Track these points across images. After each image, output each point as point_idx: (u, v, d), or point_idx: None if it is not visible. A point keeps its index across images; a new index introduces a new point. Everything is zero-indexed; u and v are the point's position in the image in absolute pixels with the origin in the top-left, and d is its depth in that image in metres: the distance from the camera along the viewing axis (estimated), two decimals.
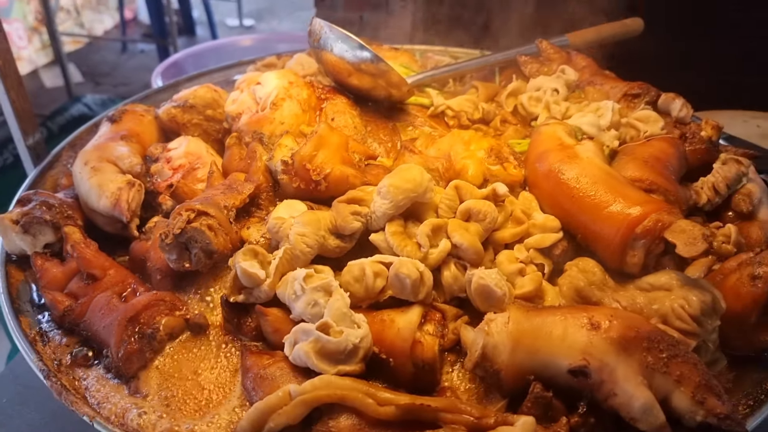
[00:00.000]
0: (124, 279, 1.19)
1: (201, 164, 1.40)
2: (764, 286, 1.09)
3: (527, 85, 1.67)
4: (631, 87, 1.59)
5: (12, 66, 1.58)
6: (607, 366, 0.96)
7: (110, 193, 1.29)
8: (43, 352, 1.12)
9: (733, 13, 3.38)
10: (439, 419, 0.96)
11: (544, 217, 1.21)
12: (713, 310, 1.07)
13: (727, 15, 3.39)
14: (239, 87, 1.54)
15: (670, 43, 3.29)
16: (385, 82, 1.50)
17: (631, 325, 0.99)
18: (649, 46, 2.52)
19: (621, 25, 2.03)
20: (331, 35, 1.50)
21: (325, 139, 1.27)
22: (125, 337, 1.06)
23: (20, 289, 1.27)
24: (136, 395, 1.03)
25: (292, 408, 0.94)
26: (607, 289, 1.15)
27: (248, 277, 1.08)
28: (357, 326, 1.03)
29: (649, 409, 0.93)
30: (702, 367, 0.97)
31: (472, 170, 1.25)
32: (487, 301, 1.09)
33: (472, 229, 1.14)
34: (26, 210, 1.29)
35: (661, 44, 2.85)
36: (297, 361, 1.01)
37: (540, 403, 0.98)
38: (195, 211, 1.15)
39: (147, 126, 1.54)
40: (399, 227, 1.15)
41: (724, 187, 1.41)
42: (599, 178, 1.19)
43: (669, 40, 3.23)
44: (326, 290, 1.06)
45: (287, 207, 1.21)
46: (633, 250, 1.13)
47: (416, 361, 1.04)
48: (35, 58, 7.29)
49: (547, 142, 1.28)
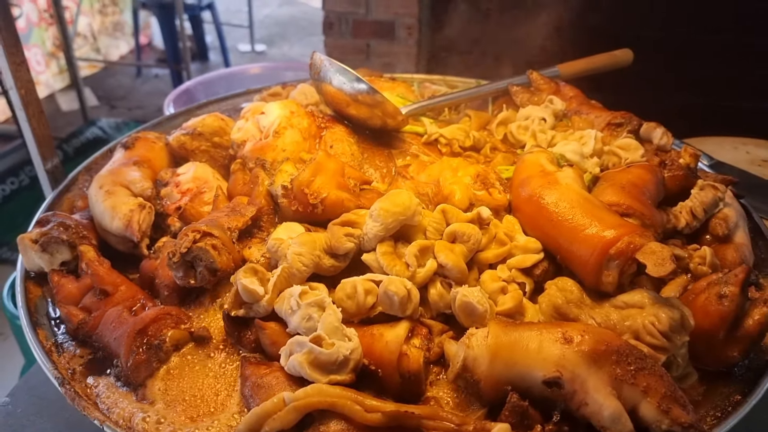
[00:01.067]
0: (134, 295, 1.28)
1: (207, 188, 1.50)
2: (730, 305, 1.16)
3: (517, 114, 1.76)
4: (614, 116, 1.68)
5: (33, 95, 1.69)
6: (579, 377, 1.03)
7: (122, 214, 1.39)
8: (58, 361, 1.21)
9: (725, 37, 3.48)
10: (422, 426, 1.02)
11: (525, 239, 1.30)
12: (682, 327, 1.14)
13: (718, 41, 3.49)
14: (244, 116, 1.64)
15: (663, 69, 3.39)
16: (381, 112, 1.59)
17: (602, 339, 1.06)
18: (644, 71, 2.62)
19: (610, 56, 2.13)
20: (331, 68, 1.60)
21: (323, 166, 1.36)
22: (134, 347, 1.15)
23: (38, 304, 1.36)
24: (143, 401, 1.12)
25: (286, 413, 1.01)
26: (584, 307, 1.22)
27: (248, 293, 1.16)
28: (348, 339, 1.11)
29: (617, 418, 0.99)
30: (668, 379, 1.04)
31: (459, 195, 1.34)
32: (470, 317, 1.16)
33: (457, 250, 1.22)
34: (45, 230, 1.39)
35: (654, 70, 2.94)
36: (292, 371, 1.09)
37: (517, 411, 1.05)
38: (200, 232, 1.24)
39: (158, 152, 1.64)
40: (389, 248, 1.23)
41: (701, 212, 1.48)
42: (577, 202, 1.27)
43: (662, 66, 3.33)
44: (320, 306, 1.14)
45: (286, 229, 1.30)
46: (608, 270, 1.20)
47: (403, 372, 1.11)
48: (52, 82, 7.51)
49: (530, 169, 1.37)
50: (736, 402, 1.15)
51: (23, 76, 1.64)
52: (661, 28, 3.52)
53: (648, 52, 2.42)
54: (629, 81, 2.50)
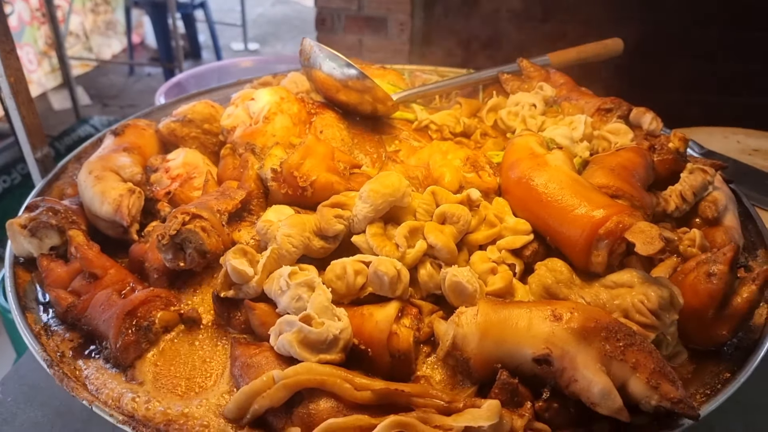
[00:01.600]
0: (123, 278, 1.28)
1: (197, 173, 1.49)
2: (719, 283, 1.17)
3: (507, 100, 1.76)
4: (604, 102, 1.68)
5: (23, 83, 1.68)
6: (568, 354, 1.03)
7: (112, 199, 1.38)
8: (47, 344, 1.20)
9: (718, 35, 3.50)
10: (412, 403, 1.02)
11: (515, 221, 1.30)
12: (671, 305, 1.14)
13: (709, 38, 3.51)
14: (234, 102, 1.64)
15: (654, 64, 3.41)
16: (371, 98, 1.60)
17: (591, 316, 1.06)
18: (635, 66, 2.63)
19: (601, 45, 2.14)
20: (320, 54, 1.60)
21: (312, 149, 1.36)
22: (123, 329, 1.14)
23: (27, 289, 1.35)
24: (132, 382, 1.11)
25: (275, 391, 1.01)
26: (573, 287, 1.22)
27: (238, 274, 1.16)
28: (338, 319, 1.11)
29: (607, 394, 0.99)
30: (657, 355, 1.04)
31: (449, 177, 1.34)
32: (460, 296, 1.17)
33: (446, 231, 1.22)
34: (34, 215, 1.38)
35: (645, 65, 2.96)
36: (281, 350, 1.09)
37: (507, 389, 1.05)
38: (190, 214, 1.24)
39: (148, 139, 1.64)
40: (379, 229, 1.24)
41: (690, 195, 1.49)
42: (566, 184, 1.28)
43: (653, 62, 3.35)
44: (309, 286, 1.14)
45: (276, 211, 1.30)
46: (597, 250, 1.21)
47: (393, 351, 1.11)
48: (44, 81, 7.48)
49: (520, 152, 1.37)
50: (726, 379, 1.15)
51: (12, 64, 1.63)
52: (651, 22, 3.53)
53: (638, 46, 2.43)
54: (618, 75, 2.51)
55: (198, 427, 1.03)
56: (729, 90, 3.67)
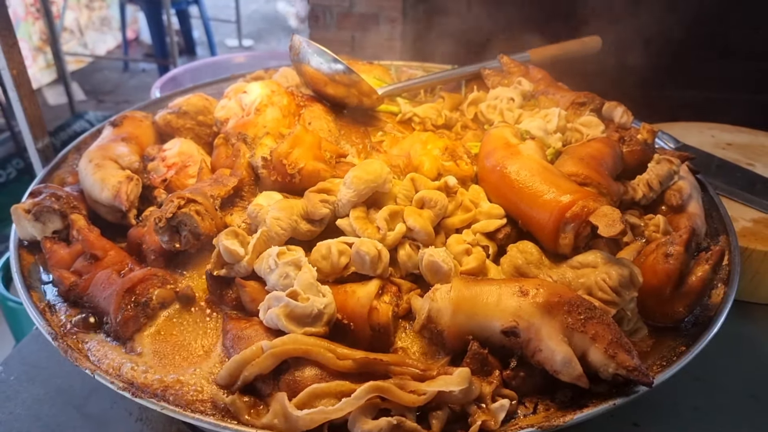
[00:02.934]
0: (122, 259, 1.36)
1: (192, 162, 1.58)
2: (675, 263, 1.26)
3: (488, 95, 1.85)
4: (578, 96, 1.77)
5: (24, 76, 1.76)
6: (533, 326, 1.12)
7: (111, 186, 1.46)
8: (51, 320, 1.29)
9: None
10: (390, 372, 1.11)
11: (489, 206, 1.39)
12: (630, 283, 1.23)
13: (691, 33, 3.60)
14: (227, 95, 1.72)
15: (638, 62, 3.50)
16: (357, 91, 1.68)
17: (555, 292, 1.15)
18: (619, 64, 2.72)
19: (580, 42, 2.23)
20: (309, 50, 1.69)
21: (300, 139, 1.45)
22: (123, 305, 1.23)
23: (31, 270, 1.43)
24: (131, 353, 1.20)
25: (264, 360, 1.10)
26: (542, 267, 1.31)
27: (230, 254, 1.24)
28: (322, 295, 1.19)
29: (568, 362, 1.08)
30: (615, 328, 1.12)
31: (427, 165, 1.43)
32: (436, 275, 1.25)
33: (424, 215, 1.31)
34: (37, 201, 1.47)
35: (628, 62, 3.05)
36: (269, 324, 1.17)
37: (477, 359, 1.14)
38: (185, 198, 1.32)
39: (145, 130, 1.72)
40: (362, 213, 1.32)
41: (657, 184, 1.58)
42: (537, 171, 1.37)
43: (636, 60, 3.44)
44: (296, 265, 1.23)
45: (266, 197, 1.39)
46: (564, 233, 1.29)
47: (373, 325, 1.20)
48: (39, 76, 7.53)
49: (495, 142, 1.46)
50: (681, 353, 1.24)
51: (15, 57, 1.71)
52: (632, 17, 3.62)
53: (619, 43, 2.52)
54: (599, 71, 2.60)
55: (192, 392, 1.12)
56: (704, 86, 3.76)
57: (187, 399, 1.10)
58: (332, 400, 1.06)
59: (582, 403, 1.11)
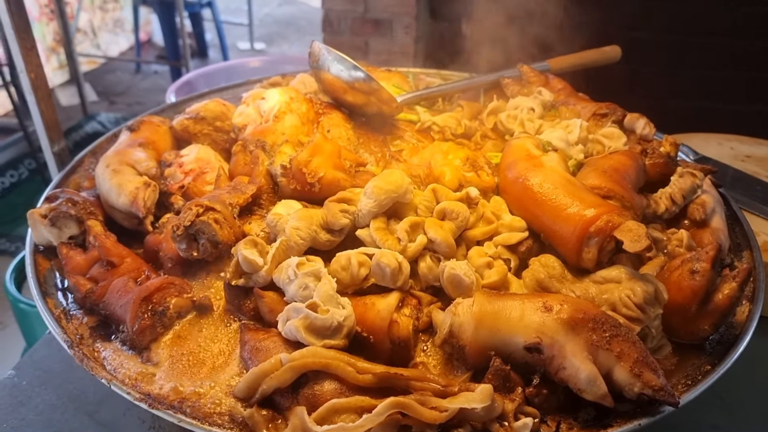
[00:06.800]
0: (139, 266, 1.35)
1: (209, 169, 1.56)
2: (702, 279, 1.24)
3: (507, 104, 1.83)
4: (599, 107, 1.75)
5: (42, 80, 1.76)
6: (558, 343, 1.10)
7: (128, 191, 1.45)
8: (67, 327, 1.27)
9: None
10: (410, 387, 1.09)
11: (511, 218, 1.37)
12: (655, 299, 1.21)
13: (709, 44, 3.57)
14: (245, 101, 1.71)
15: (657, 73, 3.48)
16: (377, 99, 1.67)
17: (580, 308, 1.13)
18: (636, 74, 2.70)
19: (599, 52, 2.20)
20: (329, 57, 1.67)
21: (320, 147, 1.44)
22: (140, 313, 1.21)
23: (46, 276, 1.42)
24: (147, 363, 1.18)
25: (283, 373, 1.08)
26: (565, 282, 1.29)
27: (248, 264, 1.23)
28: (342, 307, 1.17)
29: (592, 381, 1.06)
30: (640, 346, 1.10)
31: (449, 176, 1.41)
32: (458, 288, 1.23)
33: (446, 227, 1.29)
34: (53, 206, 1.46)
35: (647, 73, 3.03)
36: (288, 336, 1.15)
37: (499, 375, 1.12)
38: (203, 206, 1.31)
39: (162, 135, 1.71)
40: (382, 224, 1.30)
41: (680, 198, 1.56)
42: (560, 184, 1.35)
43: (655, 70, 3.42)
44: (316, 276, 1.21)
45: (285, 206, 1.37)
46: (588, 247, 1.27)
47: (393, 338, 1.18)
48: (52, 77, 7.57)
49: (517, 153, 1.44)
50: (706, 372, 1.22)
51: (33, 60, 1.70)
52: (653, 30, 3.60)
53: (639, 53, 2.50)
54: (618, 81, 2.58)
55: (210, 404, 1.10)
56: (724, 98, 3.73)
57: (204, 411, 1.09)
58: (352, 415, 1.04)
59: (606, 422, 1.09)
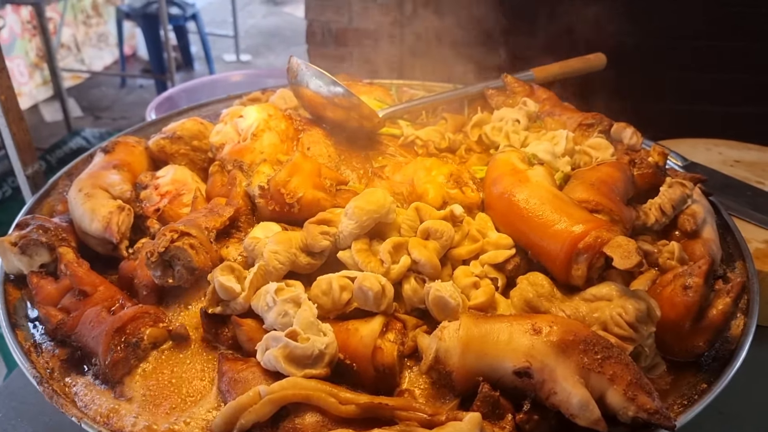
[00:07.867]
0: (113, 295, 1.30)
1: (186, 190, 1.51)
2: (695, 295, 1.20)
3: (492, 116, 1.80)
4: (585, 117, 1.72)
5: (13, 101, 1.71)
6: (548, 366, 1.06)
7: (102, 216, 1.40)
8: (37, 361, 1.22)
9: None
10: (396, 417, 1.05)
11: (497, 236, 1.33)
12: (648, 317, 1.17)
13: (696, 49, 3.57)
14: (223, 120, 1.66)
15: (641, 76, 3.46)
16: (357, 114, 1.62)
17: (570, 330, 1.09)
18: (622, 78, 2.68)
19: (584, 60, 2.18)
20: (307, 72, 1.63)
21: (299, 166, 1.39)
22: (112, 345, 1.16)
23: (17, 306, 1.37)
24: (120, 398, 1.13)
25: (261, 406, 1.03)
26: (554, 300, 1.25)
27: (225, 291, 1.18)
28: (323, 334, 1.13)
29: (585, 405, 1.02)
30: (634, 367, 1.07)
31: (432, 193, 1.37)
32: (443, 311, 1.19)
33: (430, 246, 1.25)
34: (24, 233, 1.40)
35: (631, 77, 3.01)
36: (268, 366, 1.11)
37: (488, 401, 1.08)
38: (178, 231, 1.26)
39: (138, 156, 1.66)
40: (364, 245, 1.26)
41: (669, 208, 1.52)
42: (547, 199, 1.31)
43: (639, 74, 3.40)
44: (295, 302, 1.16)
45: (263, 228, 1.32)
46: (576, 264, 1.24)
47: (377, 365, 1.13)
48: (36, 93, 7.50)
49: (501, 167, 1.40)
50: (702, 390, 1.18)
51: (3, 82, 1.65)
52: (636, 35, 3.59)
53: (623, 58, 2.47)
54: (604, 87, 2.56)
55: None
56: (711, 100, 3.72)
57: None
58: None
59: None
